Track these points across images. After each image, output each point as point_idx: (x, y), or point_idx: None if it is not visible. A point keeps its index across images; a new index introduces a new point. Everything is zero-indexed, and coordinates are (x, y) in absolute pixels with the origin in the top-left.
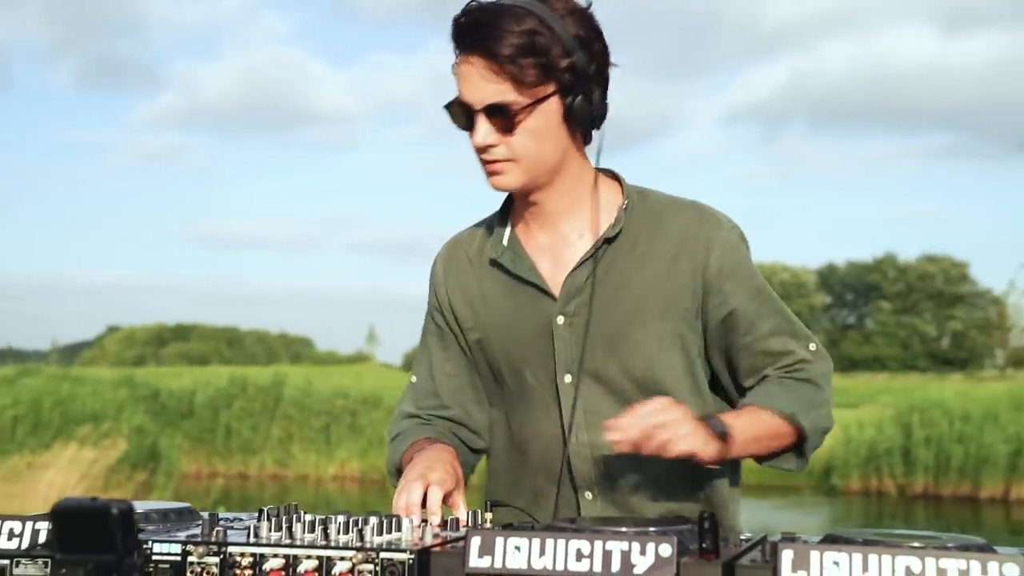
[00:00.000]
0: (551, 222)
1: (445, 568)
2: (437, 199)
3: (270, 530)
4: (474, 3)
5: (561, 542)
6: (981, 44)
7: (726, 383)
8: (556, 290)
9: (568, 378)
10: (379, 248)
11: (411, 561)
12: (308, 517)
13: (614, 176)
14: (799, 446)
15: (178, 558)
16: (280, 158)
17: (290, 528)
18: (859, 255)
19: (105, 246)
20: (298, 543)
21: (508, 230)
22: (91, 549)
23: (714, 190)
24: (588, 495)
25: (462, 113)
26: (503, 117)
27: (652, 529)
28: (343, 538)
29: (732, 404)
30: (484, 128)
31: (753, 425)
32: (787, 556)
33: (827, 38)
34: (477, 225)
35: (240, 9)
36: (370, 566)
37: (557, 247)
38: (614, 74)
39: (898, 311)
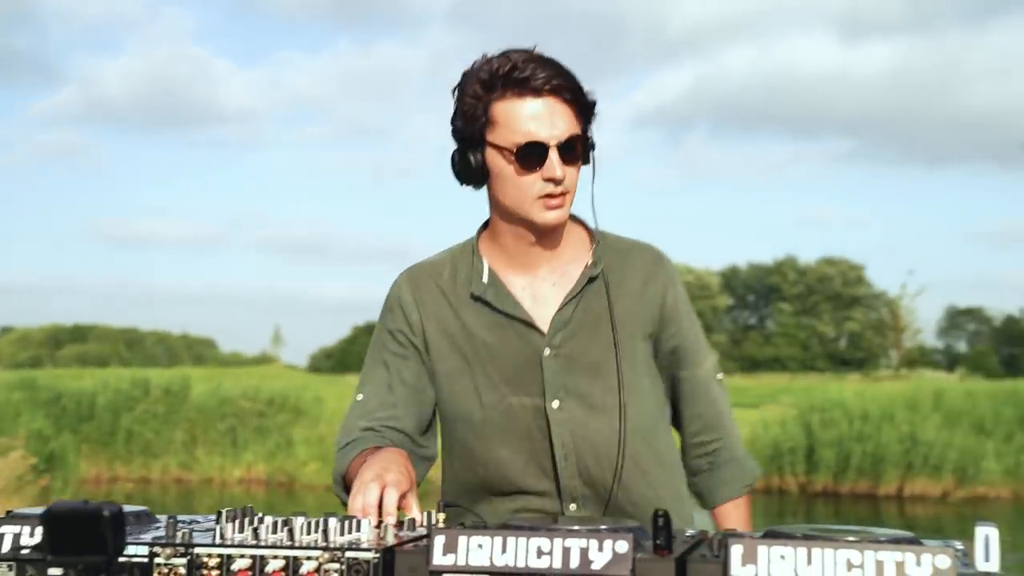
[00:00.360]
0: (533, 263)
1: (409, 566)
2: (343, 200)
3: (235, 531)
4: (521, 52)
5: (522, 540)
6: (879, 52)
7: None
8: (540, 324)
9: (556, 403)
10: (284, 248)
11: (376, 560)
12: (269, 519)
13: (576, 219)
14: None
15: (145, 559)
16: (182, 157)
17: (256, 529)
18: (760, 257)
19: None
20: (264, 543)
21: (486, 267)
22: (82, 551)
23: (620, 192)
24: (573, 507)
25: (533, 151)
26: (571, 152)
27: (603, 527)
28: (307, 538)
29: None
30: (559, 162)
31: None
32: (736, 551)
33: (730, 44)
34: (439, 257)
35: (141, 5)
36: (336, 565)
37: (535, 285)
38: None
39: (798, 312)
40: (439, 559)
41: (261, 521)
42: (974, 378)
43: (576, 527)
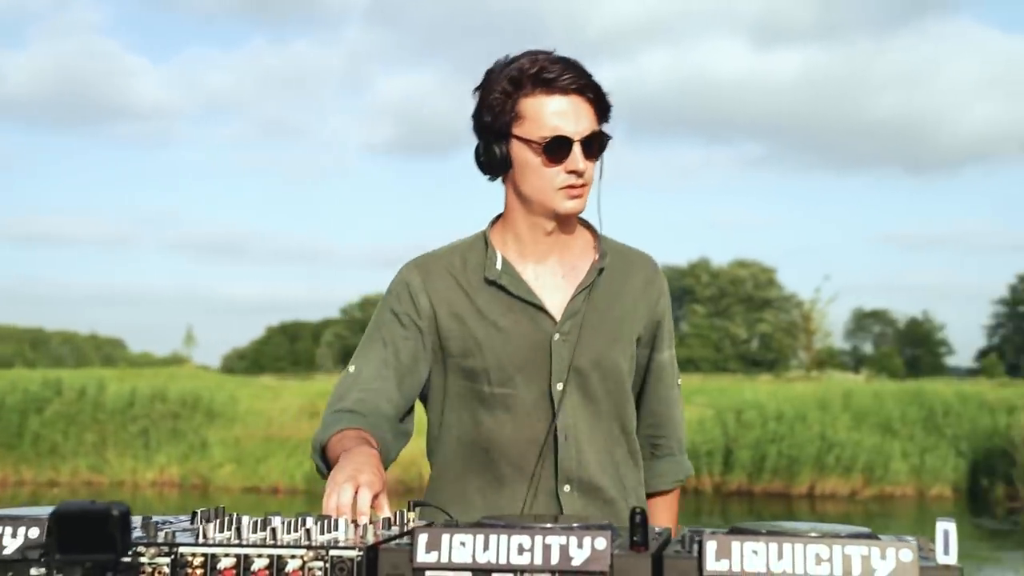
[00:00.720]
0: (545, 253)
1: (393, 564)
2: (258, 199)
3: (217, 531)
4: (544, 54)
5: (504, 537)
6: (790, 59)
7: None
8: (551, 311)
9: (559, 386)
10: (197, 248)
11: (359, 558)
12: (246, 518)
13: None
14: None
15: (128, 559)
16: (92, 153)
17: (238, 528)
18: (674, 259)
19: None
20: (248, 543)
21: (499, 256)
22: (89, 550)
23: None
24: (567, 488)
25: (559, 145)
26: (592, 148)
27: (576, 524)
28: (289, 537)
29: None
30: (581, 156)
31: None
32: (711, 547)
33: (648, 47)
34: (446, 250)
35: None
36: (320, 563)
37: (544, 275)
38: (435, 80)
39: (711, 314)
40: (422, 556)
41: (240, 521)
42: (879, 379)
43: (552, 525)
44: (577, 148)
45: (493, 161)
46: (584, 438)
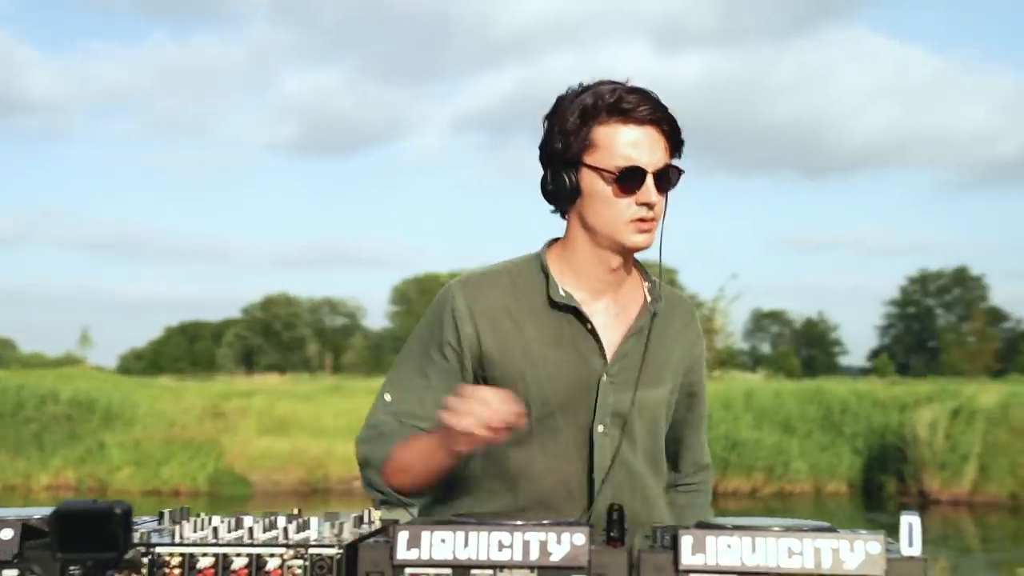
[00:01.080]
0: (601, 289)
1: (373, 561)
2: (156, 196)
3: (192, 530)
4: (616, 82)
5: (484, 534)
6: (692, 63)
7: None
8: (606, 352)
9: (601, 428)
10: (92, 246)
11: (339, 555)
12: (216, 518)
13: None
14: None
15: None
16: None
17: (215, 528)
18: None
19: None
20: (226, 542)
21: (560, 288)
22: (91, 548)
23: (442, 195)
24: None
25: (632, 175)
26: (665, 180)
27: (547, 521)
28: (266, 536)
29: None
30: (654, 188)
31: None
32: (686, 542)
33: (552, 49)
34: (495, 273)
35: None
36: (300, 562)
37: (597, 313)
38: (341, 79)
39: None
40: (403, 554)
41: (212, 521)
42: (777, 378)
43: (531, 522)
44: (650, 180)
45: (561, 190)
46: (621, 481)
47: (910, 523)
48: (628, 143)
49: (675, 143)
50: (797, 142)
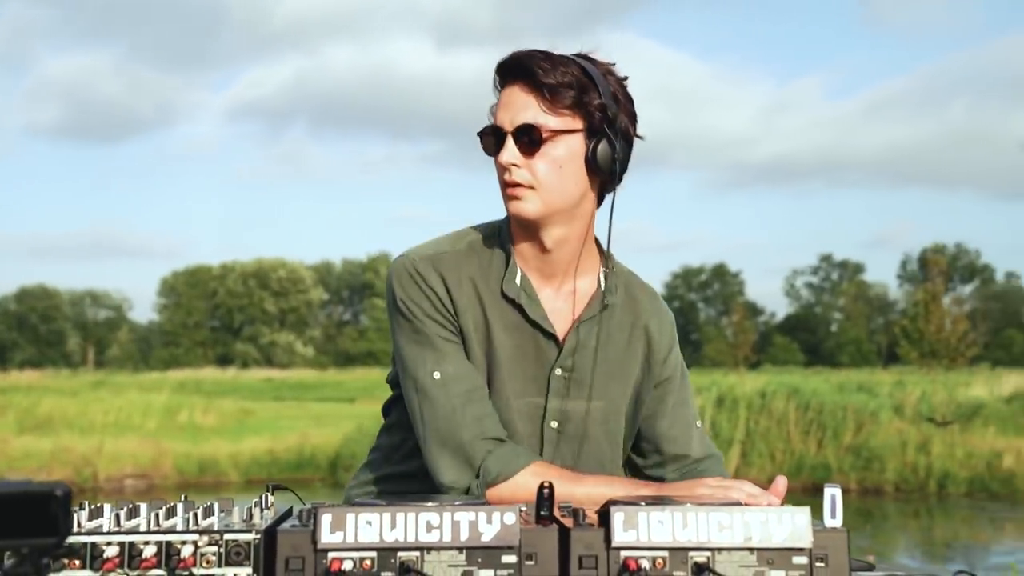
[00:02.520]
0: (551, 272)
1: (294, 546)
2: None
3: (88, 519)
4: (528, 50)
5: (411, 515)
6: (470, 60)
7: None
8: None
9: (554, 424)
10: None
11: (256, 541)
12: (108, 506)
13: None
14: None
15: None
16: None
17: (118, 515)
18: (355, 253)
19: None
20: (135, 530)
21: (519, 271)
22: (27, 533)
23: (216, 185)
24: None
25: (493, 137)
26: (530, 139)
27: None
28: (178, 522)
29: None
30: (511, 148)
31: None
32: (619, 518)
33: (332, 40)
34: (467, 248)
35: None
36: (214, 548)
37: (552, 296)
38: (110, 62)
39: None
40: (327, 537)
41: (102, 510)
42: None
43: (461, 502)
44: (509, 141)
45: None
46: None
47: (833, 495)
48: (499, 107)
49: (561, 95)
50: None
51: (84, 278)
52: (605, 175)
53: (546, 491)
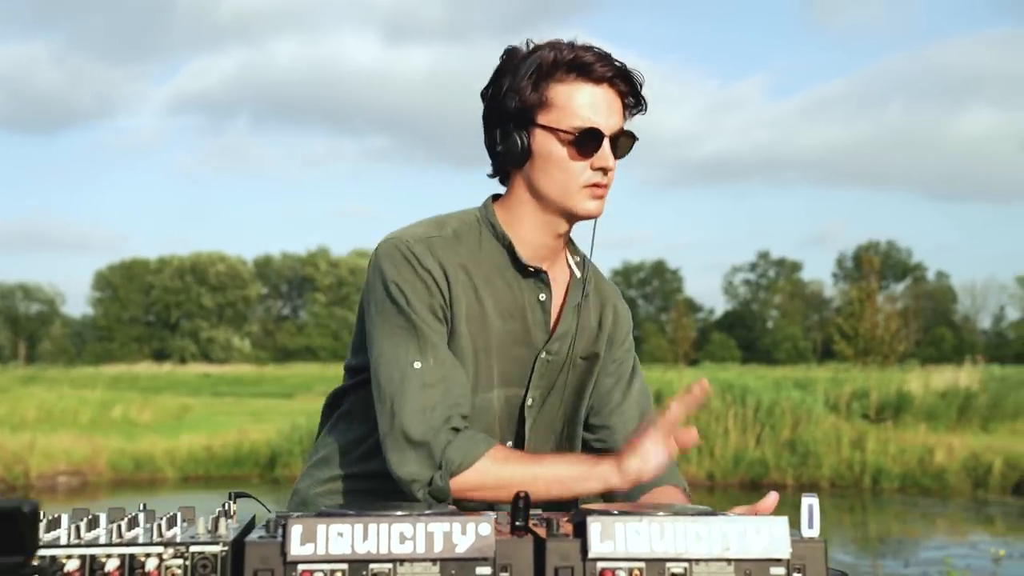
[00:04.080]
0: (546, 257)
1: (262, 558)
2: None
3: (45, 530)
4: (573, 42)
5: (384, 526)
6: (418, 56)
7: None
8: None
9: (530, 401)
10: None
11: (224, 553)
12: (65, 516)
13: None
14: None
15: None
16: None
17: (78, 527)
18: (294, 248)
19: None
20: (96, 542)
21: (519, 251)
22: None
23: (156, 178)
24: None
25: (590, 138)
26: (622, 146)
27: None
28: (140, 534)
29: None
30: (610, 153)
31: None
32: (595, 528)
33: (278, 34)
34: (452, 234)
35: None
36: (180, 561)
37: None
38: (47, 52)
39: (331, 303)
40: (297, 550)
41: (59, 521)
42: None
43: (434, 512)
44: (607, 144)
45: (512, 151)
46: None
47: (810, 505)
48: (587, 103)
49: (630, 107)
50: None
51: (16, 271)
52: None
53: (521, 501)
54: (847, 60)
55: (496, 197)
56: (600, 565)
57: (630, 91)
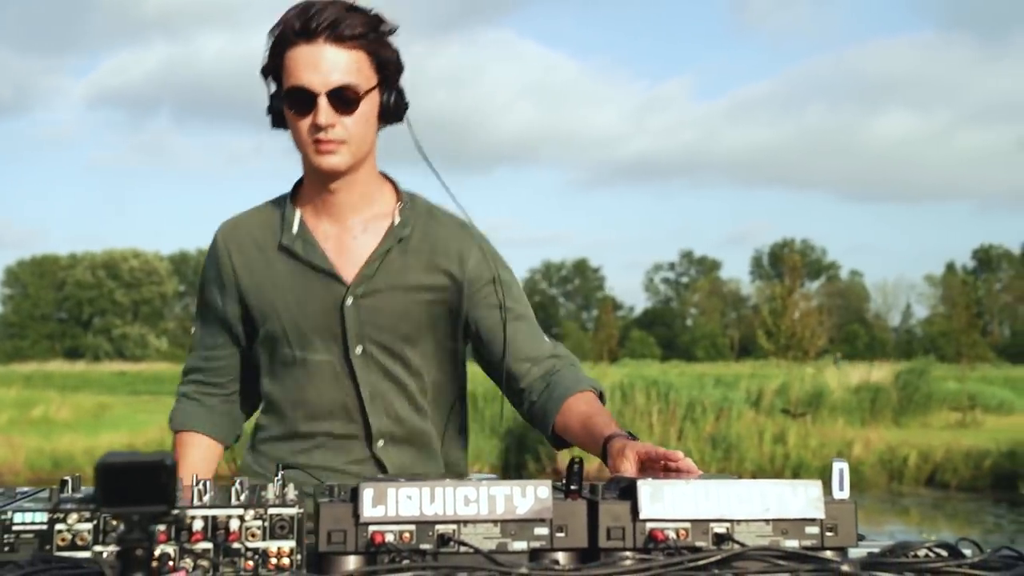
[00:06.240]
0: (339, 213)
1: (336, 518)
2: None
3: None
4: (315, 3)
5: (450, 490)
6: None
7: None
8: (344, 275)
9: (359, 350)
10: None
11: (299, 515)
12: None
13: (385, 176)
14: None
15: (44, 527)
16: None
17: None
18: None
19: None
20: (183, 504)
21: (297, 217)
22: (137, 501)
23: (71, 173)
24: (380, 443)
25: (300, 98)
26: (345, 99)
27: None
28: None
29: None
30: (327, 109)
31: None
32: (645, 492)
33: (205, 29)
34: (256, 210)
35: None
36: (259, 523)
37: (342, 236)
38: None
39: None
40: (369, 511)
41: None
42: None
43: (494, 477)
44: (323, 101)
45: (273, 114)
46: (393, 396)
47: (840, 469)
48: (302, 63)
49: (378, 62)
50: (446, 136)
51: None
52: (392, 121)
53: (576, 466)
54: (774, 62)
55: None
56: (649, 526)
57: (364, 46)
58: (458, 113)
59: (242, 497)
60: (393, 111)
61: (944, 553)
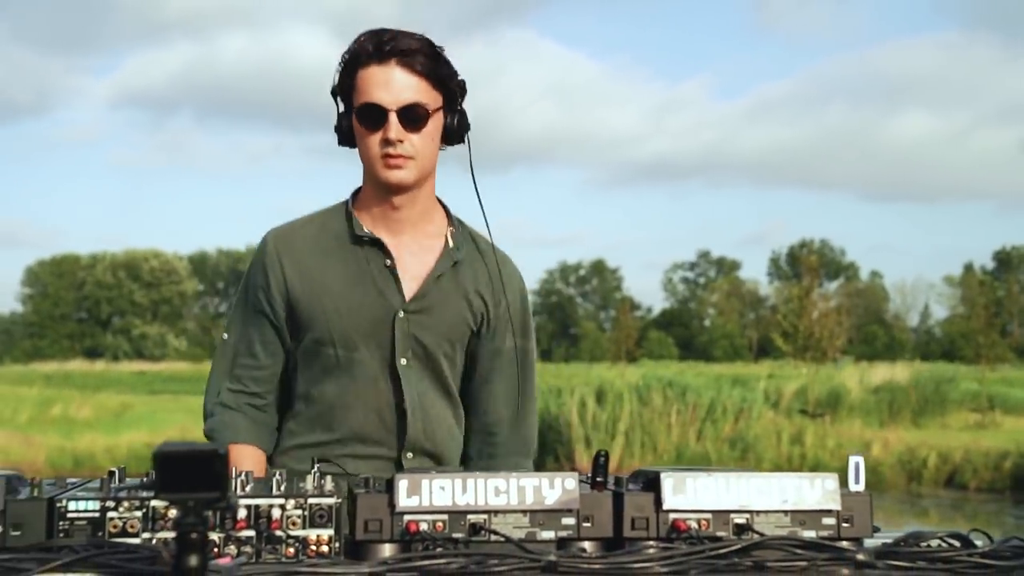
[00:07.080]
0: (398, 227)
1: (372, 508)
2: None
3: None
4: (387, 29)
5: (481, 481)
6: None
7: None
8: (404, 289)
9: (404, 361)
10: None
11: (338, 505)
12: None
13: (438, 199)
14: None
15: (96, 514)
16: None
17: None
18: (235, 244)
19: None
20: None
21: (364, 226)
22: (193, 489)
23: (94, 172)
24: (410, 455)
25: (371, 114)
26: (415, 116)
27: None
28: (251, 488)
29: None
30: (397, 125)
31: None
32: (668, 484)
33: (227, 29)
34: (308, 219)
35: None
36: (299, 511)
37: (399, 250)
38: None
39: None
40: (404, 502)
41: None
42: None
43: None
44: (393, 117)
45: (340, 131)
46: (429, 411)
47: (856, 463)
48: (373, 82)
49: (441, 84)
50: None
51: None
52: (453, 141)
53: (602, 459)
54: (793, 62)
55: None
56: (672, 516)
57: (428, 69)
58: (477, 112)
59: (282, 488)
60: (456, 132)
61: (956, 543)
